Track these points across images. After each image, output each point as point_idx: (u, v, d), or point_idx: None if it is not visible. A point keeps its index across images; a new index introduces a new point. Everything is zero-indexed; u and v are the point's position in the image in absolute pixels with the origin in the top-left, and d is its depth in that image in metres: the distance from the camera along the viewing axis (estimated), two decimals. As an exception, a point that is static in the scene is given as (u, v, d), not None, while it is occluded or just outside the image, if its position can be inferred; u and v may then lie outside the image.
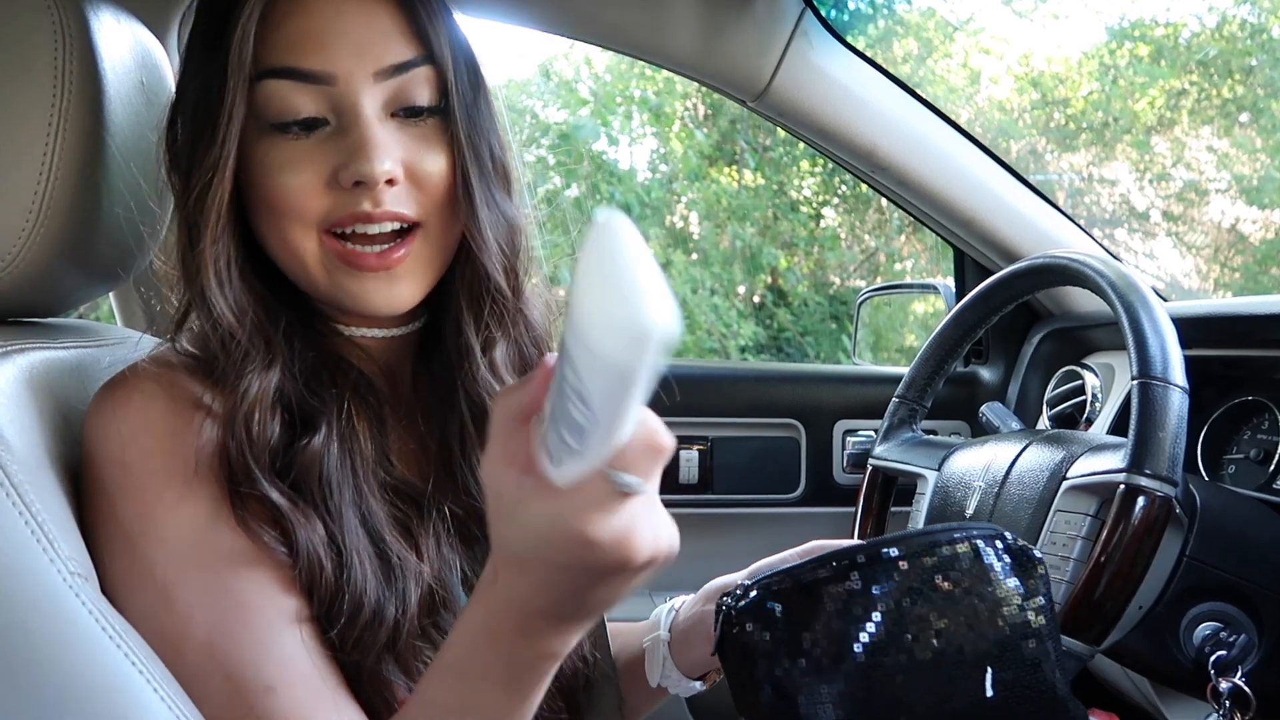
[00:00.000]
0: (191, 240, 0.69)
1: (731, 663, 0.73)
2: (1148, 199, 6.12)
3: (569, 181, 5.32)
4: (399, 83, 0.70)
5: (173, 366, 0.69)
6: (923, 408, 1.24)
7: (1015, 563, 0.65)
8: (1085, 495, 0.96)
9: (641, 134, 6.02)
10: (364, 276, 0.70)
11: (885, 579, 0.63)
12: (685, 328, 5.44)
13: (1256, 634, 0.93)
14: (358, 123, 0.68)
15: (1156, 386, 0.89)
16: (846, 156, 1.43)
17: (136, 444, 0.65)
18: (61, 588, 0.58)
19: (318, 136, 0.69)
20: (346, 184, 0.68)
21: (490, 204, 0.73)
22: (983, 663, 0.61)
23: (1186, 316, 1.16)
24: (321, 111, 0.69)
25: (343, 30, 0.68)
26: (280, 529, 0.66)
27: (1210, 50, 5.78)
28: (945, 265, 1.49)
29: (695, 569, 0.90)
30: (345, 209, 0.69)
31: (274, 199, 0.69)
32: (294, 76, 0.68)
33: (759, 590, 0.71)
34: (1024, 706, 0.62)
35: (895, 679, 0.61)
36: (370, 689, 0.67)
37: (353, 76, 0.68)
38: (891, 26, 6.15)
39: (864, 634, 0.62)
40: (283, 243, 0.70)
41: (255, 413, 0.67)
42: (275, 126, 0.69)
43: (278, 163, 0.68)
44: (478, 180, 0.72)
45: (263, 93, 0.68)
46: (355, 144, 0.68)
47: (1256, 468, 1.17)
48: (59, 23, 0.67)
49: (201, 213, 0.68)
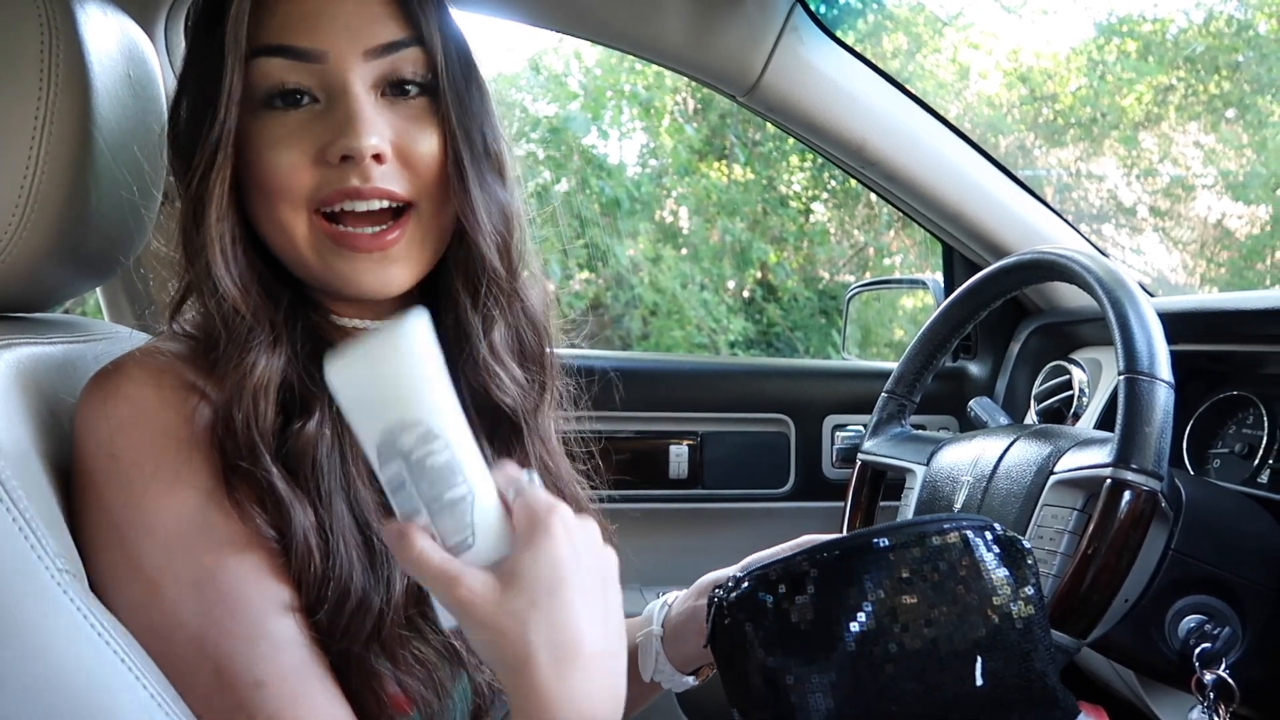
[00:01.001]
0: (196, 219, 0.69)
1: (723, 654, 0.73)
2: (1135, 194, 6.14)
3: (558, 176, 5.31)
4: (389, 62, 0.71)
5: (164, 356, 0.69)
6: (911, 403, 1.24)
7: (1005, 553, 0.66)
8: (1072, 490, 0.96)
9: (631, 128, 6.01)
10: (356, 258, 0.71)
11: (875, 569, 0.64)
12: (675, 323, 5.46)
13: (1240, 627, 0.94)
14: (346, 98, 0.69)
15: (1142, 381, 0.89)
16: (836, 152, 1.44)
17: (125, 434, 0.65)
18: (49, 585, 0.58)
19: (307, 113, 0.70)
20: (334, 159, 0.69)
21: (483, 186, 0.74)
22: (973, 652, 0.62)
23: (1173, 311, 1.17)
24: (312, 88, 0.70)
25: (334, 11, 0.70)
26: (273, 513, 0.66)
27: (1197, 46, 5.80)
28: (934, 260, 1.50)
29: (685, 564, 0.91)
30: (333, 185, 0.69)
31: (264, 177, 0.70)
32: (286, 54, 0.69)
33: (751, 582, 0.71)
34: (1014, 696, 0.62)
35: (885, 668, 0.61)
36: (358, 680, 0.67)
37: (343, 55, 0.69)
38: (881, 21, 6.16)
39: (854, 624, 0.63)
40: (274, 224, 0.71)
41: (261, 391, 0.68)
42: (266, 103, 0.70)
43: (269, 140, 0.70)
44: (470, 162, 0.73)
45: (257, 71, 0.69)
46: (343, 119, 0.69)
47: (1241, 462, 1.18)
48: (45, 16, 0.67)
49: (206, 189, 0.68)
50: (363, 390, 0.54)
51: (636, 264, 5.60)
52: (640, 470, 1.55)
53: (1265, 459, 1.14)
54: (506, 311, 0.78)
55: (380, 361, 0.54)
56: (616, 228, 5.41)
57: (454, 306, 0.77)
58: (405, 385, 0.54)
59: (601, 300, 5.50)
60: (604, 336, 5.08)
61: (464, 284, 0.77)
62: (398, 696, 0.69)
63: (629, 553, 0.96)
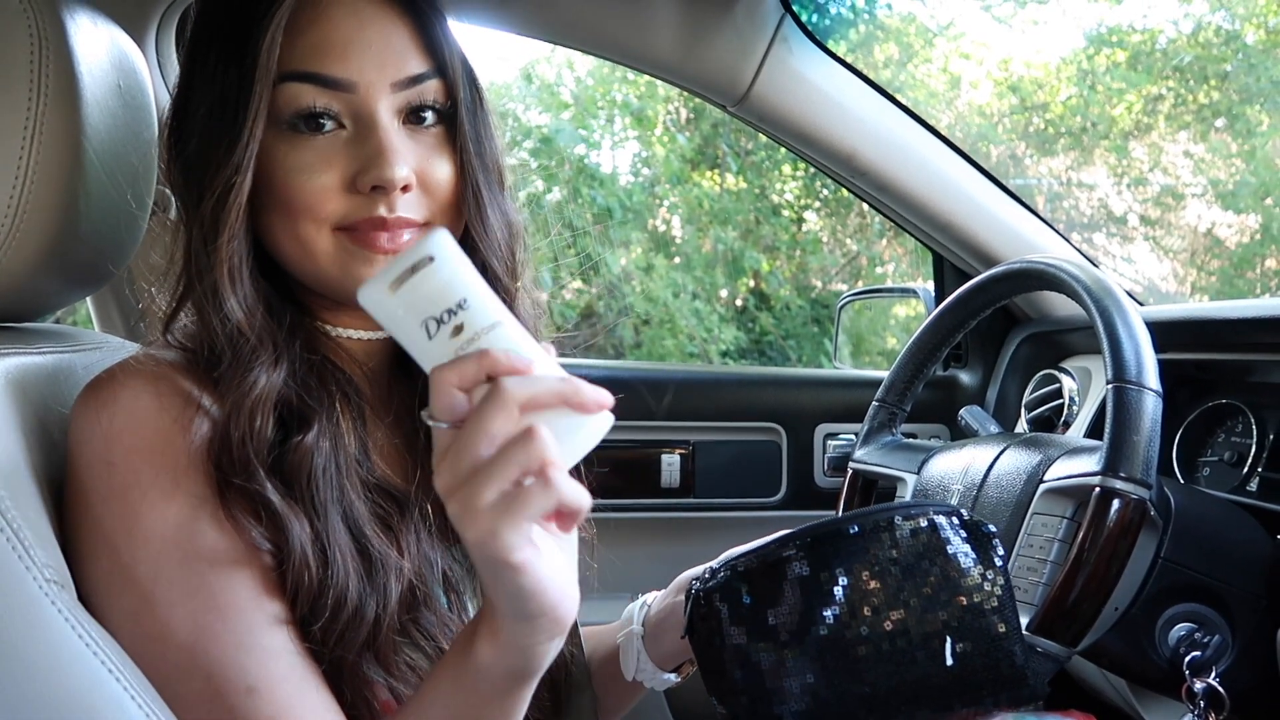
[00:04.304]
0: (207, 238, 0.69)
1: (700, 643, 0.74)
2: (1125, 203, 6.17)
3: (550, 185, 5.32)
4: (414, 92, 0.73)
5: (159, 364, 0.69)
6: (902, 411, 1.25)
7: (971, 537, 0.68)
8: (1061, 498, 0.97)
9: (624, 137, 6.02)
10: (376, 262, 0.72)
11: (847, 555, 0.65)
12: (667, 332, 5.46)
13: (1230, 635, 0.94)
14: (376, 130, 0.71)
15: (1131, 390, 0.90)
16: (826, 162, 1.44)
17: (121, 442, 0.65)
18: (37, 595, 0.58)
19: (334, 139, 0.71)
20: (364, 188, 0.70)
21: (494, 204, 0.77)
22: (942, 634, 0.63)
23: (1161, 320, 1.17)
24: (340, 114, 0.71)
25: (366, 41, 0.71)
26: (269, 526, 0.66)
27: (1186, 56, 5.83)
28: (926, 269, 1.51)
29: (677, 573, 0.91)
30: (361, 213, 0.71)
31: (290, 198, 0.70)
32: (316, 81, 0.70)
33: (726, 571, 0.72)
34: (983, 676, 0.64)
35: (858, 650, 0.63)
36: (351, 688, 0.68)
37: (373, 85, 0.71)
38: (873, 31, 6.19)
39: (827, 609, 0.64)
40: (295, 239, 0.72)
41: (259, 407, 0.68)
42: (293, 127, 0.70)
43: (296, 164, 0.70)
44: (484, 185, 0.76)
45: (284, 95, 0.70)
46: (375, 150, 0.70)
47: (1231, 470, 1.18)
48: (35, 26, 0.67)
49: (223, 211, 0.69)
50: (416, 292, 0.55)
51: (628, 273, 5.61)
52: (632, 479, 1.55)
53: (1254, 467, 1.15)
54: None
55: (423, 265, 0.55)
56: (608, 237, 5.42)
57: None
58: (451, 280, 0.55)
59: (594, 309, 5.50)
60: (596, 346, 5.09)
61: None
62: (389, 703, 0.69)
63: (620, 562, 0.96)
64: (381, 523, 0.72)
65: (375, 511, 0.72)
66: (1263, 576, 0.97)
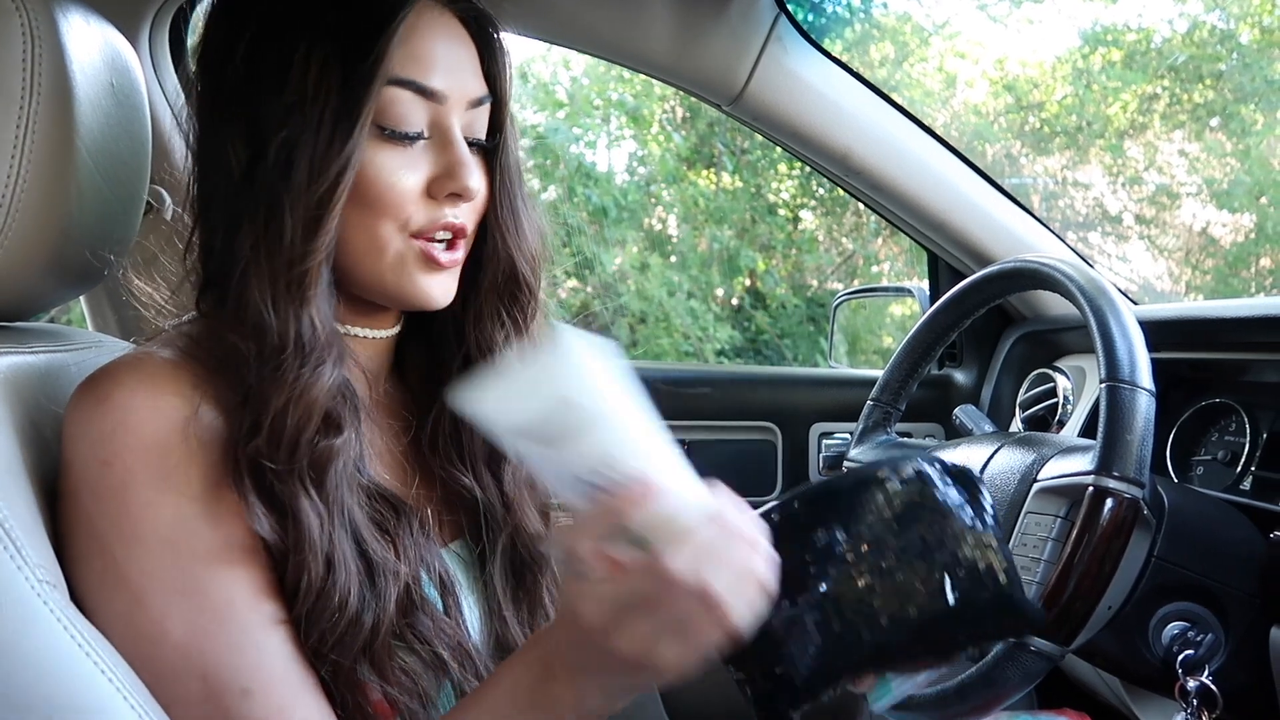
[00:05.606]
0: (307, 231, 0.69)
1: None
2: (1120, 202, 6.18)
3: (546, 184, 5.31)
4: (477, 113, 0.77)
5: (155, 361, 0.68)
6: (897, 410, 1.25)
7: (957, 482, 0.69)
8: (1055, 497, 0.97)
9: (619, 136, 6.02)
10: (433, 272, 0.75)
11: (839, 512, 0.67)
12: (662, 330, 5.46)
13: (1223, 633, 0.95)
14: (455, 142, 0.74)
15: (1124, 390, 0.90)
16: (821, 160, 1.44)
17: (117, 440, 0.64)
18: (29, 595, 0.57)
19: (421, 147, 0.74)
20: (440, 195, 0.74)
21: (528, 215, 0.81)
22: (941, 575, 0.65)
23: (1155, 320, 1.18)
24: (425, 123, 0.74)
25: (457, 58, 0.75)
26: (282, 521, 0.66)
27: (1181, 55, 5.84)
28: (921, 268, 1.51)
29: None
30: (436, 219, 0.74)
31: (379, 199, 0.72)
32: (415, 89, 0.72)
33: None
34: (984, 609, 0.66)
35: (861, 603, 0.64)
36: (345, 691, 0.68)
37: (455, 100, 0.74)
38: (868, 30, 6.19)
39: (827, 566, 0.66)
40: (370, 237, 0.73)
41: (320, 401, 0.69)
42: (388, 131, 0.72)
43: (389, 166, 0.72)
44: (519, 195, 0.81)
45: (385, 98, 0.71)
46: (455, 160, 0.74)
47: (1224, 469, 1.19)
48: (27, 24, 0.67)
49: (327, 206, 0.69)
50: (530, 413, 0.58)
51: (624, 272, 5.61)
52: (628, 478, 1.55)
53: (1247, 466, 1.15)
54: (529, 324, 0.83)
55: None
56: (604, 236, 5.42)
57: (479, 318, 0.81)
58: None
59: (589, 308, 5.50)
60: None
61: (500, 297, 0.81)
62: (381, 705, 0.69)
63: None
64: (379, 528, 0.72)
65: (373, 517, 0.72)
66: (1256, 575, 0.97)
